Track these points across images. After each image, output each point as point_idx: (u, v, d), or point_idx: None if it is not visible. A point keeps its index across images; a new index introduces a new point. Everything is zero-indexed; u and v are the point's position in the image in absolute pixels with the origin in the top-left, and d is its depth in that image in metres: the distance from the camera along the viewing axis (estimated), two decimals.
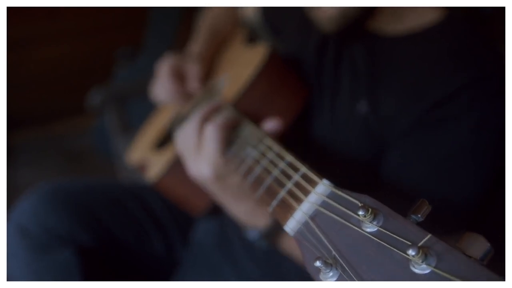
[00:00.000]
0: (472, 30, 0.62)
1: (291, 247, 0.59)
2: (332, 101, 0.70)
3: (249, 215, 0.57)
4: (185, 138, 0.56)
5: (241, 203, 0.56)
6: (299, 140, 0.61)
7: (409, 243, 0.27)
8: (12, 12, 1.89)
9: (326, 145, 0.70)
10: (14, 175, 2.00)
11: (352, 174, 0.64)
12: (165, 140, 0.85)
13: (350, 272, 0.28)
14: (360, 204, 0.30)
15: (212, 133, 0.51)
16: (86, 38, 2.30)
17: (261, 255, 0.78)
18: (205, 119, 0.55)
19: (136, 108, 1.64)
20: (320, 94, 0.72)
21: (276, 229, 0.56)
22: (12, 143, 2.19)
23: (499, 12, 0.62)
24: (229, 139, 0.53)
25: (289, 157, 0.41)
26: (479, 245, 0.26)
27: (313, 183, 0.35)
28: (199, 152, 0.53)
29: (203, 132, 0.52)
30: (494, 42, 0.63)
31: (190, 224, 0.89)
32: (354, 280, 0.28)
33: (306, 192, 0.35)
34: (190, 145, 0.54)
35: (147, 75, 1.26)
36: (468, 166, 0.57)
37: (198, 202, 0.74)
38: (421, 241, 0.26)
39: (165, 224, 0.86)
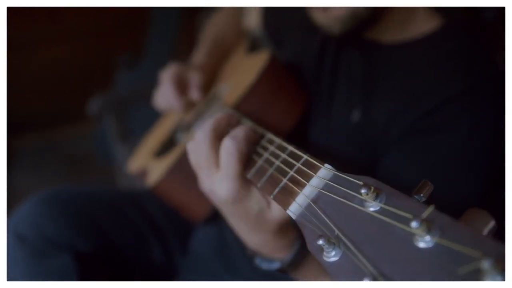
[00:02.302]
0: (470, 36, 0.63)
1: (305, 277, 0.53)
2: (327, 108, 0.71)
3: (261, 247, 0.50)
4: (196, 150, 0.49)
5: (255, 234, 0.49)
6: (295, 143, 0.61)
7: (412, 218, 0.26)
8: (13, 15, 1.91)
9: (321, 150, 0.70)
10: (13, 180, 1.98)
11: None
12: (167, 147, 0.85)
13: (353, 250, 0.28)
14: (362, 184, 0.30)
15: (231, 148, 0.44)
16: (87, 41, 2.32)
17: None
18: (218, 130, 0.48)
19: (136, 115, 1.64)
20: (317, 100, 0.73)
21: (293, 263, 0.49)
22: (11, 147, 2.18)
23: (501, 16, 0.63)
24: (252, 155, 0.47)
25: (291, 148, 0.41)
26: (482, 220, 0.26)
27: (315, 168, 0.35)
28: (217, 169, 0.46)
29: (221, 147, 0.46)
30: (494, 47, 0.64)
31: (189, 232, 0.88)
32: (358, 258, 0.28)
33: (308, 177, 0.35)
34: (202, 158, 0.48)
35: (148, 81, 1.26)
36: (465, 169, 0.57)
37: (197, 209, 0.74)
38: (424, 214, 0.26)
39: (164, 231, 0.86)
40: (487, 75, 0.58)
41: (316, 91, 0.74)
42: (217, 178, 0.46)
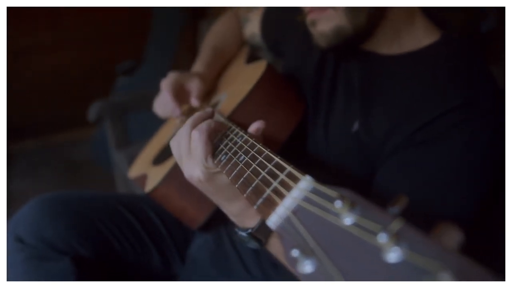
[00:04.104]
0: (467, 50, 0.63)
1: (279, 251, 0.59)
2: (326, 118, 0.71)
3: (239, 215, 0.59)
4: (178, 143, 0.59)
5: (231, 203, 0.58)
6: (293, 154, 0.62)
7: (381, 231, 0.27)
8: (15, 21, 1.94)
9: (319, 160, 0.71)
10: (10, 185, 2.01)
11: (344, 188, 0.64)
12: (166, 154, 0.86)
13: (327, 264, 0.29)
14: (337, 196, 0.31)
15: (197, 137, 0.55)
16: (89, 48, 2.35)
17: (259, 269, 0.77)
18: (195, 126, 0.58)
19: (135, 120, 1.66)
20: (316, 110, 0.73)
21: (262, 230, 0.58)
22: (10, 152, 2.21)
23: (499, 28, 0.63)
24: (215, 142, 0.57)
25: (276, 159, 0.42)
26: (451, 233, 0.26)
27: (296, 180, 0.36)
28: (190, 156, 0.56)
29: (191, 138, 0.56)
30: (493, 59, 0.63)
31: (188, 239, 0.89)
32: (331, 271, 0.28)
33: (289, 188, 0.36)
34: (182, 150, 0.58)
35: (146, 87, 1.27)
36: (459, 183, 0.56)
37: (195, 213, 0.75)
38: (393, 227, 0.27)
39: (163, 238, 0.87)
40: (484, 88, 0.58)
41: (315, 101, 0.74)
42: (191, 163, 0.56)
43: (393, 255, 0.26)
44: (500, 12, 0.73)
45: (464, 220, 0.56)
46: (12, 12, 1.80)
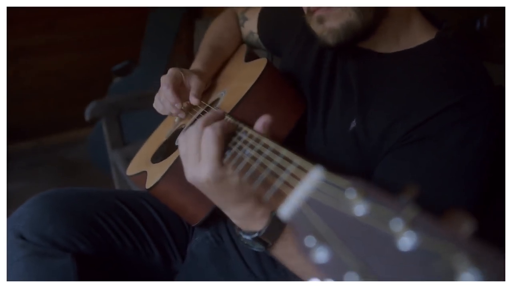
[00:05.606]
0: (462, 49, 0.64)
1: (285, 253, 0.59)
2: (324, 117, 0.72)
3: (245, 218, 0.57)
4: (186, 140, 0.56)
5: (238, 206, 0.56)
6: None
7: (395, 219, 0.28)
8: (14, 24, 1.92)
9: (319, 158, 0.71)
10: (7, 185, 2.00)
11: None
12: (166, 152, 0.86)
13: (342, 251, 0.29)
14: (349, 186, 0.31)
15: (210, 135, 0.52)
16: (86, 50, 2.36)
17: (258, 266, 0.78)
18: (206, 124, 0.55)
19: (132, 120, 1.65)
20: (314, 109, 0.74)
21: (270, 232, 0.56)
22: (7, 153, 2.19)
23: (492, 26, 0.64)
24: (227, 143, 0.54)
25: (284, 151, 0.42)
26: (464, 221, 0.27)
27: (306, 171, 0.37)
28: (199, 156, 0.54)
29: (203, 136, 0.53)
30: (487, 56, 0.64)
31: (187, 236, 0.89)
32: (347, 258, 0.29)
33: (300, 179, 0.36)
34: (189, 148, 0.55)
35: (142, 88, 1.26)
36: (457, 180, 0.57)
37: (195, 209, 0.75)
38: (408, 215, 0.28)
39: (163, 234, 0.87)
40: (479, 87, 0.59)
41: (312, 99, 0.75)
42: (200, 164, 0.53)
43: (408, 240, 0.26)
44: (494, 11, 0.74)
45: None
46: (10, 14, 1.79)
